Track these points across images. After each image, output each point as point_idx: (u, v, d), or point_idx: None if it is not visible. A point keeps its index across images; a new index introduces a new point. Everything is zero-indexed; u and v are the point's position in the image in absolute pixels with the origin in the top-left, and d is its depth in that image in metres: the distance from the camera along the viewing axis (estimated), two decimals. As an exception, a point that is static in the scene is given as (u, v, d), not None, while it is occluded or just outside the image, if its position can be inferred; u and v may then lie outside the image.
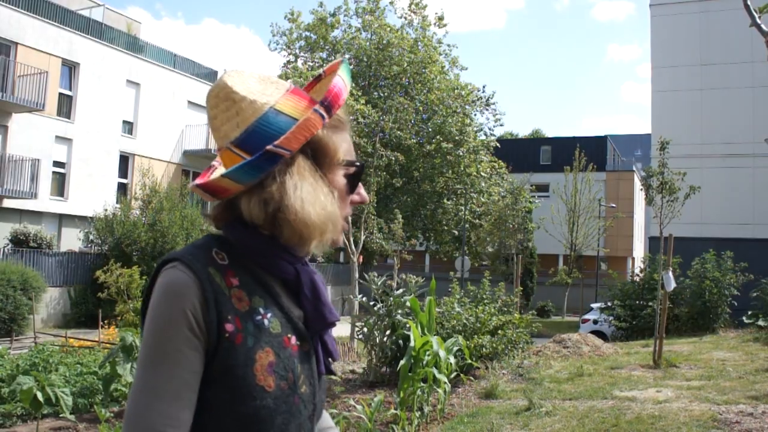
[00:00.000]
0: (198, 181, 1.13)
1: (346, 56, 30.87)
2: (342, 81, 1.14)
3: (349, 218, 11.63)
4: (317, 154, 1.13)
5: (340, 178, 1.16)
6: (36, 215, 20.86)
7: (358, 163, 1.18)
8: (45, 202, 21.09)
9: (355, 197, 1.21)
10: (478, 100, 32.17)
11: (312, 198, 1.08)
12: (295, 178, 1.08)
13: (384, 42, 29.81)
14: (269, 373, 1.05)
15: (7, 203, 20.07)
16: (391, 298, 8.23)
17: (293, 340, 1.11)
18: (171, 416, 0.99)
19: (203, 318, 1.02)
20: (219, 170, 1.14)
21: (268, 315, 1.09)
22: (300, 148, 1.09)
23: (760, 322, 14.30)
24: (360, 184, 1.22)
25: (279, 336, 1.09)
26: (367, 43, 30.31)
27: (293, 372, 1.09)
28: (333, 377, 7.03)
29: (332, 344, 1.21)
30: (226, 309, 1.04)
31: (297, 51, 32.17)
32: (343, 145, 1.16)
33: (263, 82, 1.16)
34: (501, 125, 47.54)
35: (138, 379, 1.01)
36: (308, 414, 1.12)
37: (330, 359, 1.20)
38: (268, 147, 1.06)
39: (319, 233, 1.09)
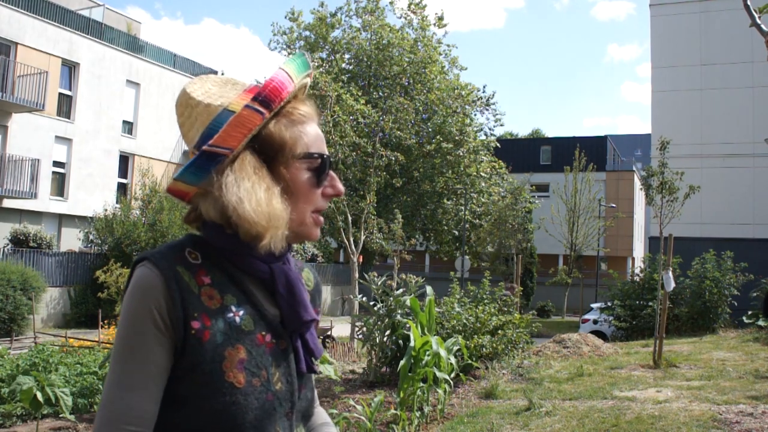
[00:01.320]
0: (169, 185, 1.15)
1: (346, 57, 30.90)
2: (283, 74, 1.13)
3: (349, 216, 11.55)
4: (266, 150, 1.12)
5: (301, 172, 1.14)
6: (36, 215, 20.86)
7: (316, 155, 1.15)
8: (45, 202, 21.09)
9: (327, 190, 1.19)
10: (478, 100, 32.17)
11: (248, 194, 1.06)
12: (233, 175, 1.07)
13: (384, 42, 29.80)
14: (240, 369, 1.06)
15: (7, 203, 20.07)
16: (391, 298, 8.23)
17: (267, 337, 1.12)
18: (135, 407, 1.02)
19: (168, 315, 1.04)
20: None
21: (240, 312, 1.10)
22: (246, 144, 1.09)
23: (760, 322, 14.30)
24: (333, 176, 1.19)
25: (251, 333, 1.10)
26: (367, 43, 30.31)
27: (266, 369, 1.10)
28: (332, 377, 7.01)
29: (314, 342, 1.20)
30: (192, 306, 1.06)
31: (297, 51, 32.17)
32: (303, 138, 1.15)
33: (223, 85, 1.17)
34: (501, 125, 47.53)
35: (109, 371, 1.05)
36: (285, 411, 1.12)
37: (312, 357, 1.20)
38: (204, 147, 1.08)
39: (261, 229, 1.07)
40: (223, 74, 29.90)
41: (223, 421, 1.05)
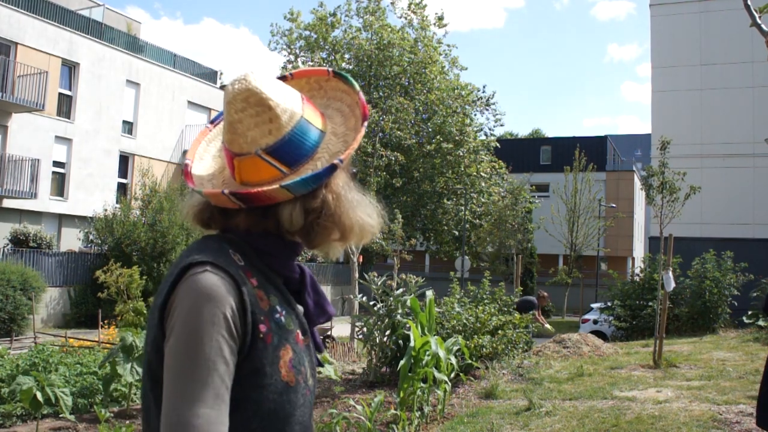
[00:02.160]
0: (243, 190, 1.10)
1: (346, 57, 30.88)
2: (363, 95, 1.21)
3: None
4: (345, 167, 1.19)
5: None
6: (36, 215, 20.86)
7: (354, 170, 1.25)
8: (45, 202, 21.09)
9: None
10: (478, 100, 32.17)
11: (362, 207, 1.16)
12: (343, 186, 1.16)
13: (384, 42, 29.80)
14: (290, 368, 1.09)
15: (7, 203, 20.07)
16: (391, 298, 8.23)
17: (300, 335, 1.15)
18: (216, 421, 0.97)
19: (241, 321, 1.03)
20: (274, 181, 1.12)
21: (283, 312, 1.12)
22: None
23: (760, 322, 14.29)
24: None
25: (293, 332, 1.13)
26: (367, 43, 30.30)
27: (304, 366, 1.13)
28: (332, 377, 7.02)
29: (317, 337, 1.25)
30: (258, 310, 1.06)
31: (297, 51, 32.16)
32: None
33: (284, 89, 1.16)
34: (501, 125, 47.55)
35: (176, 384, 0.98)
36: (312, 403, 1.17)
37: (317, 352, 1.24)
38: (335, 162, 1.11)
39: (358, 239, 1.17)
40: (221, 74, 29.61)
41: (275, 420, 1.06)
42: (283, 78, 1.26)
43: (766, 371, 4.50)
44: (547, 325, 13.06)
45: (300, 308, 1.18)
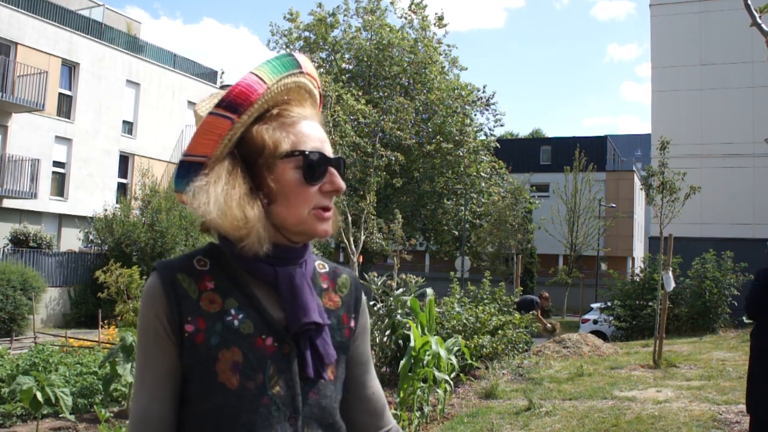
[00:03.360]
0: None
1: (346, 57, 30.87)
2: (252, 77, 1.13)
3: (348, 216, 11.53)
4: (247, 153, 1.14)
5: (287, 171, 1.13)
6: (36, 215, 20.86)
7: (297, 153, 1.14)
8: (45, 202, 21.09)
9: (326, 186, 1.16)
10: (478, 100, 32.16)
11: (212, 200, 1.08)
12: (200, 183, 1.11)
13: (384, 42, 29.79)
14: (234, 371, 1.09)
15: (7, 203, 20.07)
16: (391, 298, 8.23)
17: (269, 341, 1.12)
18: (143, 407, 1.11)
19: (167, 319, 1.11)
20: None
21: (240, 316, 1.12)
22: (228, 150, 1.13)
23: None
24: (332, 172, 1.17)
25: (250, 336, 1.11)
26: (367, 43, 30.30)
27: (263, 372, 1.10)
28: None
29: (325, 348, 1.17)
30: (187, 311, 1.11)
31: (296, 51, 32.14)
32: (289, 138, 1.14)
33: (214, 99, 1.18)
34: (501, 125, 47.53)
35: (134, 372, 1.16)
36: (287, 416, 1.11)
37: (323, 364, 1.16)
38: (181, 157, 1.15)
39: (231, 231, 1.09)
40: (221, 74, 29.63)
41: (216, 421, 1.09)
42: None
43: (751, 362, 4.85)
44: (549, 325, 13.06)
45: (277, 314, 1.15)
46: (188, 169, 1.14)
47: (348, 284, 1.30)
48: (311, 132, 1.17)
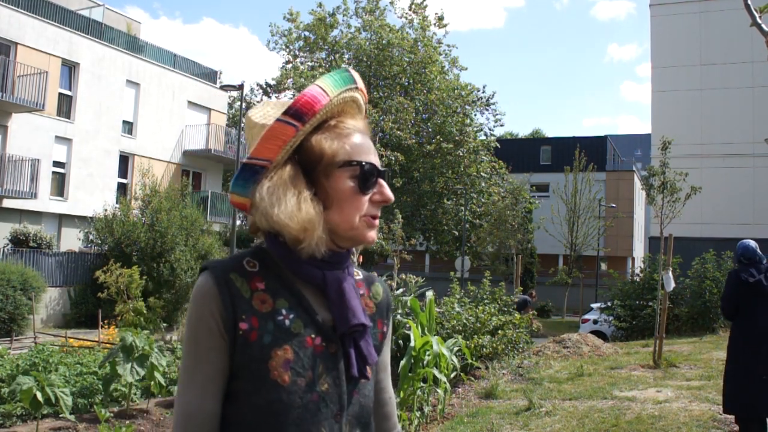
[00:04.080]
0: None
1: (345, 56, 30.89)
2: (317, 89, 1.20)
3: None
4: (306, 160, 1.21)
5: (343, 180, 1.20)
6: (36, 215, 20.85)
7: (355, 163, 1.21)
8: (45, 202, 21.08)
9: (375, 197, 1.24)
10: (478, 100, 32.17)
11: (279, 201, 1.15)
12: (270, 185, 1.16)
13: (384, 42, 29.79)
14: (285, 369, 1.14)
15: (7, 203, 20.07)
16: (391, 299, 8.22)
17: (317, 340, 1.19)
18: (195, 404, 1.14)
19: (221, 318, 1.14)
20: None
21: (290, 316, 1.18)
22: (288, 156, 1.19)
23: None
24: (381, 183, 1.25)
25: (300, 336, 1.17)
26: (367, 43, 30.30)
27: (313, 370, 1.16)
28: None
29: (368, 349, 1.24)
30: (241, 310, 1.15)
31: (296, 51, 32.16)
32: (345, 149, 1.21)
33: (280, 107, 1.25)
34: (501, 125, 47.57)
35: (180, 371, 1.18)
36: (333, 413, 1.17)
37: (365, 364, 1.23)
38: (243, 160, 1.18)
39: (295, 233, 1.15)
40: (221, 74, 29.51)
41: (267, 416, 1.13)
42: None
43: (727, 365, 5.13)
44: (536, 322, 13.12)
45: (324, 315, 1.21)
46: (250, 172, 1.18)
47: (381, 291, 1.38)
48: (364, 144, 1.25)
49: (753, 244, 5.20)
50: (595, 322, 18.00)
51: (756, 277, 4.98)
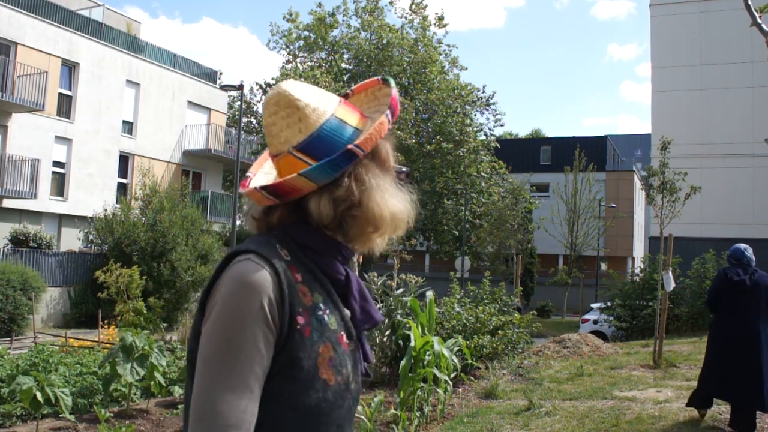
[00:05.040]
0: (265, 182, 1.17)
1: (345, 56, 30.89)
2: (396, 90, 1.22)
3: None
4: (376, 159, 1.20)
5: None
6: (36, 215, 20.86)
7: (405, 169, 1.25)
8: (45, 202, 21.09)
9: None
10: (478, 100, 32.18)
11: (390, 195, 1.16)
12: (371, 176, 1.15)
13: (384, 42, 29.80)
14: (329, 367, 1.09)
15: (7, 203, 20.07)
16: (391, 298, 8.23)
17: (344, 337, 1.16)
18: (244, 410, 0.99)
19: (278, 311, 1.05)
20: (288, 174, 1.16)
21: (327, 311, 1.13)
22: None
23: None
24: None
25: (336, 332, 1.13)
26: (367, 43, 30.31)
27: (347, 368, 1.13)
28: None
29: (367, 348, 1.24)
30: (297, 302, 1.07)
31: (296, 51, 32.18)
32: (392, 154, 1.24)
33: (318, 93, 1.21)
34: (501, 125, 47.56)
35: (208, 370, 1.01)
36: (354, 411, 1.17)
37: (366, 362, 1.25)
38: (349, 146, 1.12)
39: (392, 228, 1.17)
40: (221, 74, 29.51)
41: (311, 418, 1.06)
42: (345, 96, 1.32)
43: (707, 354, 5.76)
44: None
45: (347, 312, 1.18)
46: (348, 160, 1.13)
47: None
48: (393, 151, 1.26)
49: (743, 247, 5.75)
50: (595, 322, 18.00)
51: (741, 276, 5.53)
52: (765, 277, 5.59)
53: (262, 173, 1.29)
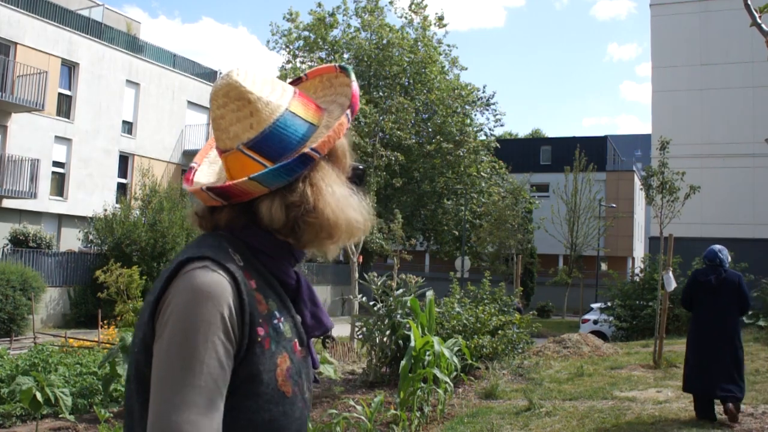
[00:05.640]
0: (211, 176, 1.13)
1: (345, 56, 30.87)
2: (357, 85, 1.14)
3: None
4: (332, 159, 1.13)
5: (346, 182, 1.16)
6: (35, 215, 20.85)
7: (361, 167, 1.18)
8: (45, 202, 21.08)
9: None
10: (478, 100, 32.18)
11: (347, 202, 1.08)
12: (327, 180, 1.08)
13: (384, 42, 29.79)
14: (287, 378, 1.03)
15: (7, 203, 20.06)
16: (391, 299, 8.22)
17: (298, 345, 1.09)
18: (208, 428, 0.91)
19: (238, 322, 0.97)
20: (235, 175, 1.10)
21: (282, 319, 1.06)
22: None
23: (761, 322, 14.29)
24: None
25: (291, 340, 1.07)
26: (367, 43, 30.30)
27: (301, 378, 1.07)
28: (332, 377, 7.01)
29: (314, 352, 1.18)
30: (256, 312, 1.00)
31: (296, 51, 32.17)
32: (348, 151, 1.17)
33: (271, 83, 1.13)
34: (501, 125, 47.58)
35: (166, 388, 0.92)
36: (307, 420, 1.10)
37: (313, 367, 1.18)
38: (306, 150, 1.05)
39: (347, 236, 1.09)
40: (221, 75, 29.95)
41: None
42: (298, 80, 1.25)
43: (687, 348, 6.26)
44: None
45: (298, 318, 1.12)
46: (304, 164, 1.06)
47: None
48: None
49: (717, 248, 6.23)
50: (596, 322, 18.00)
51: (707, 276, 6.07)
52: (733, 276, 6.10)
53: (207, 163, 1.21)
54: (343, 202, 1.08)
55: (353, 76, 1.16)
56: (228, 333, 0.96)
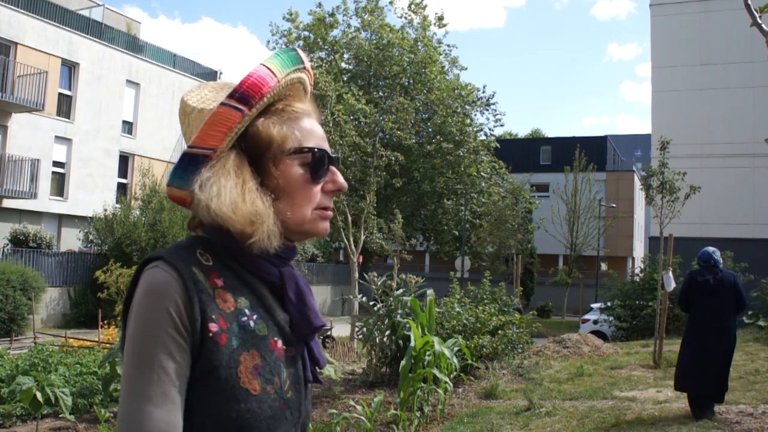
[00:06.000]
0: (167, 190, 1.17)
1: (345, 56, 30.89)
2: (264, 69, 1.09)
3: (348, 216, 11.53)
4: (253, 147, 1.10)
5: (293, 168, 1.10)
6: (36, 215, 20.85)
7: (306, 149, 1.11)
8: (45, 202, 21.08)
9: (328, 185, 1.15)
10: (478, 100, 32.18)
11: (224, 192, 1.03)
12: (210, 174, 1.05)
13: (384, 42, 29.80)
14: (254, 375, 1.03)
15: (7, 203, 20.06)
16: (391, 299, 8.22)
17: (279, 343, 1.09)
18: (164, 420, 0.96)
19: (187, 317, 1.00)
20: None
21: (254, 317, 1.06)
22: (232, 143, 1.07)
23: (761, 322, 14.29)
24: (333, 171, 1.16)
25: (265, 338, 1.06)
26: (367, 43, 30.31)
27: (279, 376, 1.07)
28: (332, 377, 7.01)
29: (318, 351, 1.17)
30: (210, 308, 1.02)
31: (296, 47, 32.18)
32: (294, 134, 1.11)
33: (219, 89, 1.14)
34: (501, 125, 47.56)
35: (126, 384, 0.98)
36: (294, 421, 1.10)
37: (316, 367, 1.17)
38: (185, 149, 1.07)
39: (240, 227, 1.04)
40: (221, 74, 29.58)
41: (232, 429, 1.01)
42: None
43: (681, 347, 6.34)
44: None
45: (284, 316, 1.12)
46: (191, 162, 1.06)
47: None
48: (314, 129, 1.15)
49: (711, 250, 6.33)
50: (596, 322, 18.00)
51: (705, 277, 6.13)
52: (729, 276, 6.19)
53: None
54: (222, 196, 1.03)
55: (271, 59, 1.13)
56: (177, 327, 0.99)
